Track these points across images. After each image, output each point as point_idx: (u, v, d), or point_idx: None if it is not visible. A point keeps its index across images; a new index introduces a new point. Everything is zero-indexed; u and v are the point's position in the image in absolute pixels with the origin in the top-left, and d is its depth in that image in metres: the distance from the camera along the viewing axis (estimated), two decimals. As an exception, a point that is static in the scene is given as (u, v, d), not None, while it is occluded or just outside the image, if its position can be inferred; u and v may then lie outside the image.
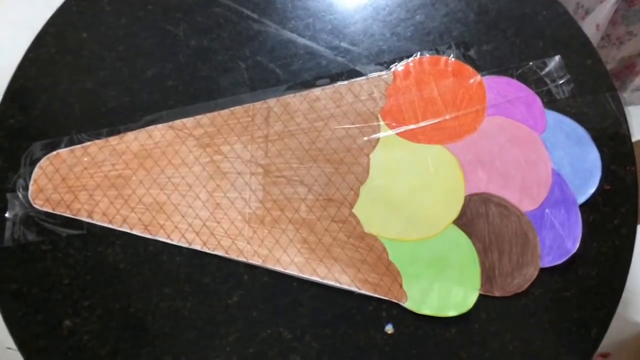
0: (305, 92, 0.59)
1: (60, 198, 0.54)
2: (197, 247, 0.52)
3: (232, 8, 0.63)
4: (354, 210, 0.53)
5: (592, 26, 0.87)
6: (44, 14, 0.65)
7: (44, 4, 0.70)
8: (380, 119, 0.57)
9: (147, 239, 0.53)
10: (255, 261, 0.52)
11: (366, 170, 0.55)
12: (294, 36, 0.61)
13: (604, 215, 0.52)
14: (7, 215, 0.54)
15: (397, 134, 0.56)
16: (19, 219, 0.54)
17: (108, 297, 0.51)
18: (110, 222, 0.53)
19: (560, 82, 0.58)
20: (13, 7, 1.70)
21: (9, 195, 0.54)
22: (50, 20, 0.63)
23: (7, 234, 0.53)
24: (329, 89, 0.59)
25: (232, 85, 0.59)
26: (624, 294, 0.50)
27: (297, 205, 0.54)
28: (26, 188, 0.55)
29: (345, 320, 0.50)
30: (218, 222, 0.53)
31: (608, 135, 0.55)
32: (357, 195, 0.54)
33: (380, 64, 0.60)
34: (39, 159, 0.56)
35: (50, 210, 0.54)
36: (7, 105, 0.59)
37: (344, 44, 0.61)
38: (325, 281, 0.51)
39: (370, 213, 0.53)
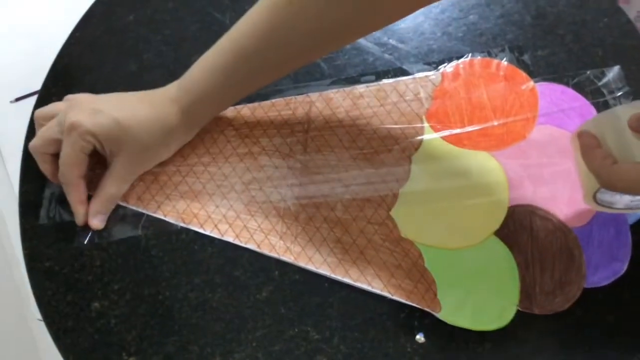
0: (349, 88, 0.57)
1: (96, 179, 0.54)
2: (230, 239, 0.51)
3: (280, -3, 0.62)
4: (392, 213, 0.52)
5: (652, 36, 0.83)
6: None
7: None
8: (424, 120, 0.55)
9: (180, 227, 0.52)
10: (287, 258, 0.51)
11: (407, 172, 0.53)
12: (341, 29, 0.60)
13: (656, 238, 0.49)
14: (44, 193, 0.54)
15: (442, 137, 0.54)
16: (56, 198, 0.54)
17: (138, 283, 0.51)
18: (145, 207, 0.53)
19: (619, 94, 0.55)
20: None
21: (47, 173, 0.55)
22: (96, 1, 0.63)
23: (43, 212, 0.53)
24: (373, 86, 0.57)
25: (276, 76, 0.58)
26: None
27: (333, 204, 0.52)
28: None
29: (375, 325, 0.48)
30: (252, 215, 0.52)
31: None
32: (395, 197, 0.52)
33: (429, 64, 0.58)
34: (78, 139, 0.56)
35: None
36: (51, 84, 0.60)
37: (392, 41, 0.59)
38: (358, 284, 0.49)
39: (408, 217, 0.52)
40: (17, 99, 1.54)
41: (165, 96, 0.51)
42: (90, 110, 0.49)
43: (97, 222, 0.52)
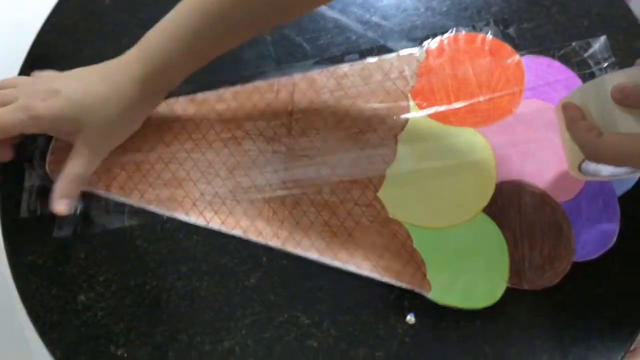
0: (332, 68, 0.56)
1: (77, 170, 0.53)
2: (215, 226, 0.51)
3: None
4: (379, 194, 0.51)
5: (638, 8, 0.82)
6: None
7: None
8: (410, 98, 0.54)
9: (165, 215, 0.51)
10: (275, 243, 0.50)
11: (393, 152, 0.53)
12: (322, 9, 0.58)
13: (644, 209, 0.49)
14: (24, 186, 0.53)
15: (428, 115, 0.54)
16: (36, 190, 0.53)
17: (124, 274, 0.50)
18: (127, 196, 0.52)
19: (605, 64, 0.54)
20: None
21: (26, 165, 0.53)
22: (72, -15, 0.61)
23: (24, 205, 0.52)
24: (357, 65, 0.56)
25: (257, 58, 0.57)
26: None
27: (319, 187, 0.52)
28: (44, 159, 0.54)
29: (365, 307, 0.48)
30: (237, 202, 0.52)
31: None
32: (382, 178, 0.52)
33: (413, 41, 0.57)
34: (57, 129, 0.55)
35: (67, 182, 0.53)
36: (27, 72, 0.58)
37: (375, 18, 0.58)
38: (346, 267, 0.49)
39: (395, 197, 0.51)
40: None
41: (126, 69, 0.50)
42: (46, 92, 0.48)
43: (62, 207, 0.49)
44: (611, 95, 0.41)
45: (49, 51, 0.59)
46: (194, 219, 0.51)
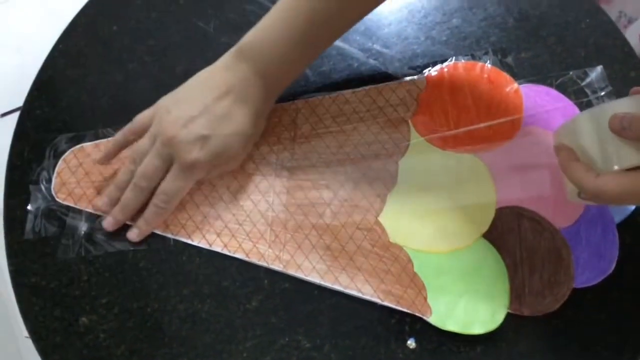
0: (334, 94, 0.57)
1: (82, 193, 0.54)
2: (218, 249, 0.51)
3: (263, 5, 0.62)
4: (380, 218, 0.52)
5: (634, 36, 0.84)
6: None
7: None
8: (411, 124, 0.55)
9: (168, 238, 0.52)
10: (277, 266, 0.50)
11: (394, 177, 0.53)
12: (325, 36, 0.60)
13: (643, 236, 0.50)
14: (29, 207, 0.53)
15: (428, 141, 0.54)
16: (41, 212, 0.53)
17: (126, 296, 0.50)
18: (131, 220, 0.53)
19: (602, 93, 0.55)
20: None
21: (32, 188, 0.54)
22: (81, 11, 0.63)
23: (29, 226, 0.53)
24: (359, 92, 0.57)
25: (261, 84, 0.58)
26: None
27: (321, 211, 0.52)
28: (49, 181, 0.54)
29: (366, 332, 0.48)
30: (240, 224, 0.52)
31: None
32: (383, 202, 0.52)
33: (414, 68, 0.58)
34: (63, 152, 0.56)
35: (72, 205, 0.53)
36: (35, 96, 0.59)
37: (376, 46, 0.59)
38: (347, 290, 0.49)
39: (396, 222, 0.52)
40: (4, 114, 1.53)
41: (254, 85, 0.51)
42: (198, 140, 0.49)
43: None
44: (610, 126, 0.41)
45: (56, 76, 0.60)
46: (197, 241, 0.52)
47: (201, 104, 0.50)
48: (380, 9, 0.61)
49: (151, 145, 0.50)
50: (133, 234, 0.51)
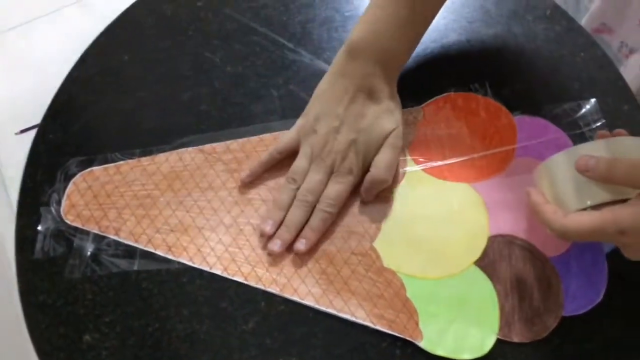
0: (334, 123, 0.59)
1: (90, 215, 0.56)
2: (218, 272, 0.53)
3: (269, 37, 0.65)
4: (375, 244, 0.53)
5: (636, 66, 0.85)
6: (98, 26, 0.68)
7: (99, 15, 0.73)
8: (407, 153, 0.57)
9: (170, 259, 0.54)
10: (273, 289, 0.52)
11: (390, 204, 0.55)
12: (327, 67, 0.62)
13: (631, 265, 0.50)
14: (39, 228, 0.56)
15: (423, 169, 0.56)
16: (50, 233, 0.56)
17: (128, 315, 0.52)
18: (136, 241, 0.55)
19: (595, 126, 0.57)
20: (67, 19, 1.78)
21: (42, 209, 0.56)
22: (93, 42, 0.66)
23: (38, 246, 0.55)
24: (358, 121, 0.59)
25: (264, 112, 0.61)
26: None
27: (318, 236, 0.54)
28: (59, 203, 0.57)
29: (358, 355, 0.50)
30: (240, 248, 0.54)
31: None
32: (378, 229, 0.54)
33: (411, 99, 0.60)
34: (73, 175, 0.58)
35: (80, 226, 0.55)
36: (49, 121, 0.62)
37: (376, 77, 0.61)
38: (341, 314, 0.51)
39: (390, 248, 0.53)
40: (22, 131, 1.58)
41: (376, 75, 0.54)
42: (350, 145, 0.54)
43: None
44: (576, 167, 0.45)
45: (70, 102, 0.63)
46: (198, 264, 0.54)
47: (336, 116, 0.54)
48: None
49: (308, 163, 0.55)
50: (301, 245, 0.53)
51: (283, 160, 0.57)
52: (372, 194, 0.55)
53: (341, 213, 0.55)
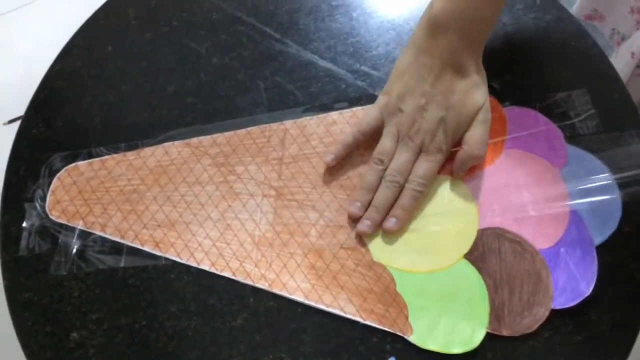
0: (322, 115, 0.58)
1: (75, 210, 0.55)
2: (206, 268, 0.53)
3: (255, 27, 0.63)
4: (364, 238, 0.53)
5: (627, 53, 0.84)
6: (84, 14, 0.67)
7: (84, 6, 0.72)
8: (396, 146, 0.57)
9: (157, 255, 0.53)
10: (262, 285, 0.52)
11: (379, 198, 0.54)
12: (314, 58, 0.61)
13: (621, 259, 0.50)
14: (24, 225, 0.55)
15: (413, 162, 0.56)
16: (35, 229, 0.55)
17: (115, 312, 0.52)
18: (122, 237, 0.54)
19: (585, 115, 0.56)
20: (52, 7, 1.76)
21: (27, 205, 0.56)
22: (76, 33, 0.65)
23: (23, 243, 0.54)
24: (346, 113, 0.58)
25: (250, 105, 0.60)
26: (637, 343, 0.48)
27: (307, 230, 0.53)
28: (44, 199, 0.56)
29: (348, 350, 0.49)
30: (227, 243, 0.53)
31: (630, 175, 0.53)
32: (368, 223, 0.54)
33: (400, 90, 0.59)
34: (58, 170, 0.57)
35: (65, 222, 0.55)
36: (31, 116, 0.61)
37: (364, 68, 0.61)
38: (331, 309, 0.50)
39: (380, 242, 0.53)
40: (10, 121, 1.56)
41: (463, 48, 0.53)
42: (439, 123, 0.53)
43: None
44: None
45: (52, 96, 0.62)
46: (185, 259, 0.53)
47: (422, 93, 0.53)
48: (368, 31, 0.62)
49: (395, 143, 0.54)
50: (392, 224, 0.52)
51: (270, 153, 0.56)
52: (465, 170, 0.54)
53: (330, 207, 0.54)
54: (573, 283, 0.50)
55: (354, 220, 0.53)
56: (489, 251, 0.52)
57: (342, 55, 0.61)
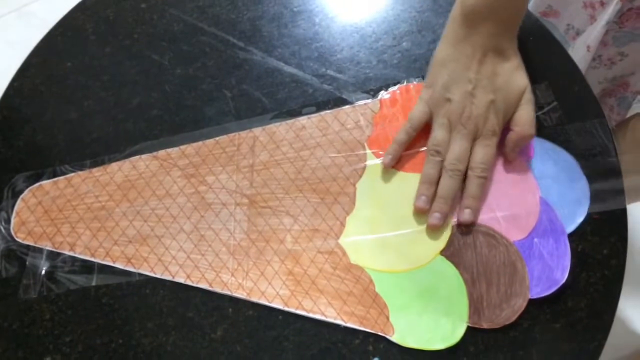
0: (291, 121, 0.58)
1: (42, 231, 0.54)
2: (181, 280, 0.52)
3: (218, 36, 0.63)
4: (340, 241, 0.53)
5: (583, 47, 0.87)
6: (39, 35, 0.65)
7: (40, 24, 0.71)
8: (366, 147, 0.57)
9: (130, 272, 0.52)
10: (240, 294, 0.51)
11: (352, 200, 0.54)
12: (280, 64, 0.61)
13: (593, 245, 0.51)
14: (-12, 249, 0.53)
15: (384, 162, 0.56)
16: (1, 253, 0.53)
17: (90, 333, 0.50)
18: (92, 255, 0.53)
19: (547, 108, 0.57)
20: (10, 26, 1.71)
21: (-10, 229, 0.54)
22: (34, 50, 0.63)
23: (-11, 268, 0.53)
24: (315, 117, 0.58)
25: (218, 114, 0.59)
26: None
27: (282, 237, 0.53)
28: (8, 221, 0.54)
29: (331, 354, 0.49)
30: (202, 255, 0.53)
31: (596, 163, 0.54)
32: (343, 225, 0.53)
33: (367, 92, 0.59)
34: (21, 191, 0.56)
35: (32, 244, 0.53)
36: (-9, 135, 0.59)
37: (330, 72, 0.61)
38: (311, 314, 0.50)
39: (356, 244, 0.53)
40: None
41: (500, 34, 0.54)
42: (489, 107, 0.53)
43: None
44: None
45: (11, 114, 0.60)
46: (160, 274, 0.52)
47: (468, 80, 0.54)
48: (332, 35, 0.63)
49: (448, 133, 0.54)
50: (468, 215, 0.52)
51: (240, 161, 0.56)
52: (517, 151, 0.54)
53: (304, 212, 0.54)
54: (548, 272, 0.51)
55: (422, 212, 0.53)
56: (464, 246, 0.52)
57: (307, 60, 0.61)
